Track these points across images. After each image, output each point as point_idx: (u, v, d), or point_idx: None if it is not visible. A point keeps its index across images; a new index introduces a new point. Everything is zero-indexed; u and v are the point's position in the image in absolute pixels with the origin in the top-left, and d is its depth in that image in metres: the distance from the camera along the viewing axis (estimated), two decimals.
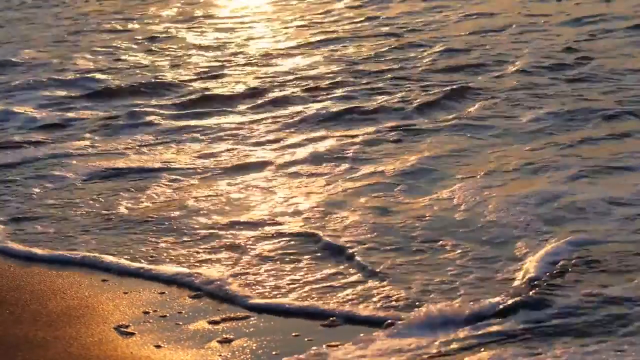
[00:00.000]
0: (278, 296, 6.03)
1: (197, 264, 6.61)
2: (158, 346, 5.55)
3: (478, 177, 7.95)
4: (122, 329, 5.77)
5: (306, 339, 5.50)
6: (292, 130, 9.95)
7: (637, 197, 7.18)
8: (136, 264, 6.69)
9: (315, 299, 5.95)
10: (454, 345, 5.27)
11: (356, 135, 9.52)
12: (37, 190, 8.59)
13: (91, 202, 8.15)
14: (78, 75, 13.34)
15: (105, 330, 5.77)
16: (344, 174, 8.38)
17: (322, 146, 9.28)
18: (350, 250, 6.59)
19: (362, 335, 5.47)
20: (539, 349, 5.15)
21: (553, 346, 5.17)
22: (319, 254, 6.65)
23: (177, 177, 8.66)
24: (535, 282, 5.85)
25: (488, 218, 7.02)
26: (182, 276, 6.42)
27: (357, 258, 6.46)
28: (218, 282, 6.25)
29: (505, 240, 6.59)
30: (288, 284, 6.19)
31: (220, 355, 5.42)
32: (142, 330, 5.75)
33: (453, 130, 9.51)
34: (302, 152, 9.12)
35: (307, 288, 6.11)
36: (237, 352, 5.43)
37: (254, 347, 5.48)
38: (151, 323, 5.84)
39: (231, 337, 5.60)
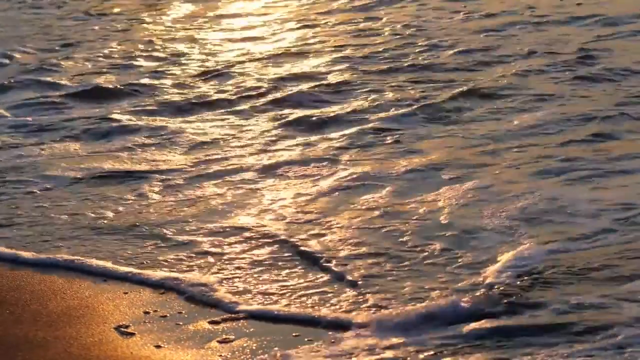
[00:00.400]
0: (266, 303, 6.05)
1: (185, 269, 6.62)
2: (158, 346, 5.60)
3: (467, 179, 7.98)
4: (123, 329, 5.82)
5: (306, 339, 5.55)
6: (285, 132, 9.90)
7: (629, 202, 7.17)
8: (124, 268, 6.68)
9: (305, 305, 5.97)
10: (415, 349, 5.32)
11: (348, 137, 9.50)
12: (22, 193, 8.51)
13: (78, 205, 8.10)
14: (71, 76, 13.26)
15: (105, 330, 5.82)
16: (333, 177, 8.37)
17: (315, 149, 9.24)
18: (338, 256, 6.62)
19: (330, 334, 5.55)
20: (506, 354, 5.20)
21: (521, 351, 5.21)
22: (305, 260, 6.65)
23: (166, 180, 8.60)
24: (508, 287, 5.89)
25: (473, 222, 7.05)
26: (169, 281, 6.42)
27: (344, 264, 6.49)
28: (204, 288, 6.26)
29: (491, 245, 6.60)
30: (275, 291, 6.20)
31: (221, 355, 5.46)
32: (142, 330, 5.80)
33: (448, 131, 9.53)
34: (294, 155, 9.08)
35: (295, 294, 6.13)
36: (237, 352, 5.47)
37: (254, 347, 5.52)
38: (151, 323, 5.89)
39: (231, 337, 5.65)
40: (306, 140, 9.53)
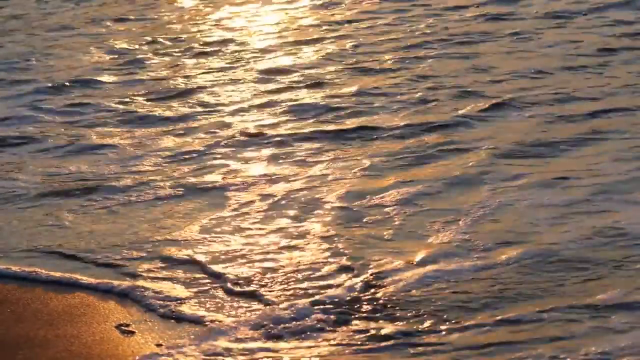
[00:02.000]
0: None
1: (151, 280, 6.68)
2: (159, 345, 5.76)
3: (416, 184, 8.11)
4: (123, 328, 5.99)
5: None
6: (253, 147, 9.69)
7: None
8: (85, 279, 6.72)
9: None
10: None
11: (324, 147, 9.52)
12: None
13: (37, 214, 8.13)
14: (52, 78, 13.05)
15: (106, 329, 6.00)
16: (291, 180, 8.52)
17: (288, 161, 9.19)
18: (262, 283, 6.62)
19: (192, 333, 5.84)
20: None
21: None
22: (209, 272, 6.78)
23: (128, 193, 8.53)
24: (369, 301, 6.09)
25: (409, 229, 7.22)
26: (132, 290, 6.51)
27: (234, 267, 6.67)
28: (169, 301, 6.34)
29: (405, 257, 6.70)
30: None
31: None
32: (143, 329, 5.98)
33: (424, 131, 9.63)
34: (257, 170, 8.98)
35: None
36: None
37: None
38: (152, 322, 6.07)
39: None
40: (275, 155, 9.39)
